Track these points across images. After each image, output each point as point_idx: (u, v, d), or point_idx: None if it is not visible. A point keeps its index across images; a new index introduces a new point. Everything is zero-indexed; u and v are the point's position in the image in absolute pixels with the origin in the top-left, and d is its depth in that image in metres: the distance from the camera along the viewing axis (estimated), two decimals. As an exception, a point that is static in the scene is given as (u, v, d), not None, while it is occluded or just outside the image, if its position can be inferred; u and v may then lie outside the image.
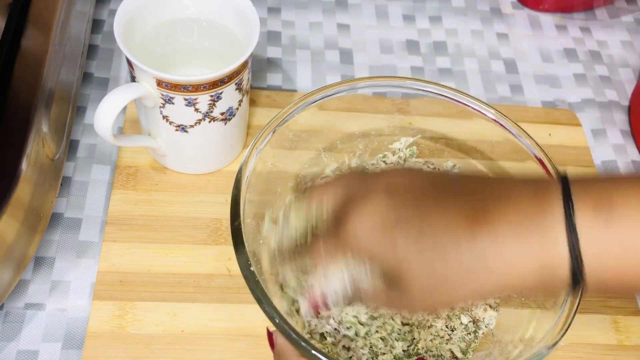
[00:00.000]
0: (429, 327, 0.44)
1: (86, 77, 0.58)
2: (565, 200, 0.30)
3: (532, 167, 0.46)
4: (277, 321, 0.36)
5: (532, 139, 0.46)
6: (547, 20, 0.71)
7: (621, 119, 0.64)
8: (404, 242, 0.32)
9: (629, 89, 0.67)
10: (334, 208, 0.36)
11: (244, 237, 0.39)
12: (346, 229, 0.34)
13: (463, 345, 0.44)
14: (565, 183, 0.31)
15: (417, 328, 0.44)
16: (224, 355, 0.45)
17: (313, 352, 0.35)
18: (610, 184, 0.31)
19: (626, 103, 0.65)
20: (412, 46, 0.67)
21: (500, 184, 0.34)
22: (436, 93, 0.48)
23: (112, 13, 0.64)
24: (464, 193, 0.33)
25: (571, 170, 0.33)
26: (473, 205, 0.32)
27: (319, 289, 0.36)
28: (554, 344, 0.38)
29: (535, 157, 0.45)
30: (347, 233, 0.34)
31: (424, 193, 0.34)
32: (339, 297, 0.36)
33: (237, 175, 0.42)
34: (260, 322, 0.46)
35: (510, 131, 0.47)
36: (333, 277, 0.35)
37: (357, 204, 0.34)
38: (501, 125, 0.47)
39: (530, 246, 0.30)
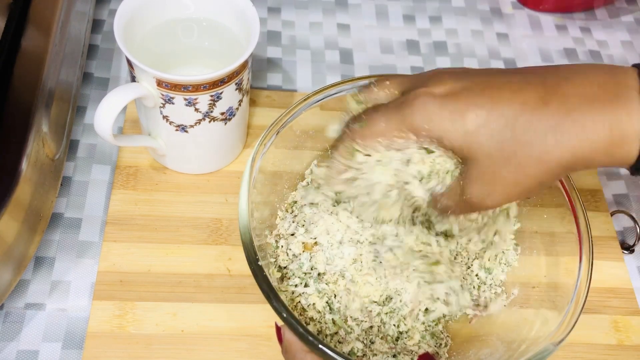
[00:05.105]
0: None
1: (86, 77, 0.58)
2: None
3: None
4: (285, 316, 0.37)
5: None
6: (547, 20, 0.71)
7: (621, 119, 0.64)
8: (474, 113, 0.32)
9: (629, 89, 0.67)
10: (400, 89, 0.36)
11: (251, 233, 0.39)
12: (413, 102, 0.33)
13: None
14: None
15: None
16: (224, 355, 0.45)
17: (320, 346, 0.36)
18: None
19: (626, 103, 0.65)
20: (412, 46, 0.67)
21: (571, 66, 0.33)
22: None
23: (112, 13, 0.64)
24: (532, 72, 0.33)
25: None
26: (544, 79, 0.32)
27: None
28: (561, 340, 0.38)
29: None
30: (413, 105, 0.33)
31: (492, 73, 0.34)
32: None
33: (244, 173, 0.42)
34: (261, 322, 0.46)
35: None
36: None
37: (423, 83, 0.34)
38: None
39: (602, 116, 0.30)
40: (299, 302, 0.44)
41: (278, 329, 0.40)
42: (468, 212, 0.37)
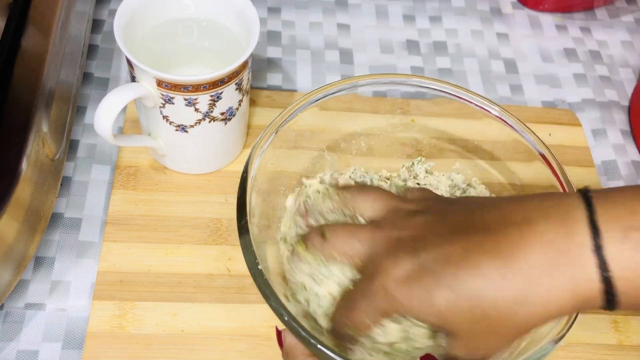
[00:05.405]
0: None
1: (86, 77, 0.58)
2: (591, 223, 0.32)
3: (538, 168, 0.46)
4: (286, 319, 0.36)
5: (536, 136, 0.46)
6: (547, 20, 0.71)
7: (621, 119, 0.64)
8: (442, 296, 0.34)
9: (629, 89, 0.67)
10: (358, 268, 0.38)
11: (250, 235, 0.39)
12: (381, 293, 0.36)
13: None
14: (587, 201, 0.33)
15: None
16: (224, 355, 0.45)
17: (321, 347, 0.35)
18: (635, 200, 0.32)
19: (626, 103, 0.65)
20: (412, 46, 0.67)
21: (519, 208, 0.35)
22: (439, 90, 0.48)
23: (112, 13, 0.64)
24: (485, 228, 0.34)
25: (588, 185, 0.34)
26: (498, 242, 0.33)
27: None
28: (559, 339, 0.38)
29: (539, 153, 0.45)
30: (383, 296, 0.35)
31: (447, 239, 0.35)
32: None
33: (242, 172, 0.42)
34: (261, 322, 0.46)
35: (514, 128, 0.47)
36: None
37: (384, 264, 0.36)
38: (507, 123, 0.47)
39: (561, 277, 0.32)
40: None
41: (278, 333, 0.39)
42: None
